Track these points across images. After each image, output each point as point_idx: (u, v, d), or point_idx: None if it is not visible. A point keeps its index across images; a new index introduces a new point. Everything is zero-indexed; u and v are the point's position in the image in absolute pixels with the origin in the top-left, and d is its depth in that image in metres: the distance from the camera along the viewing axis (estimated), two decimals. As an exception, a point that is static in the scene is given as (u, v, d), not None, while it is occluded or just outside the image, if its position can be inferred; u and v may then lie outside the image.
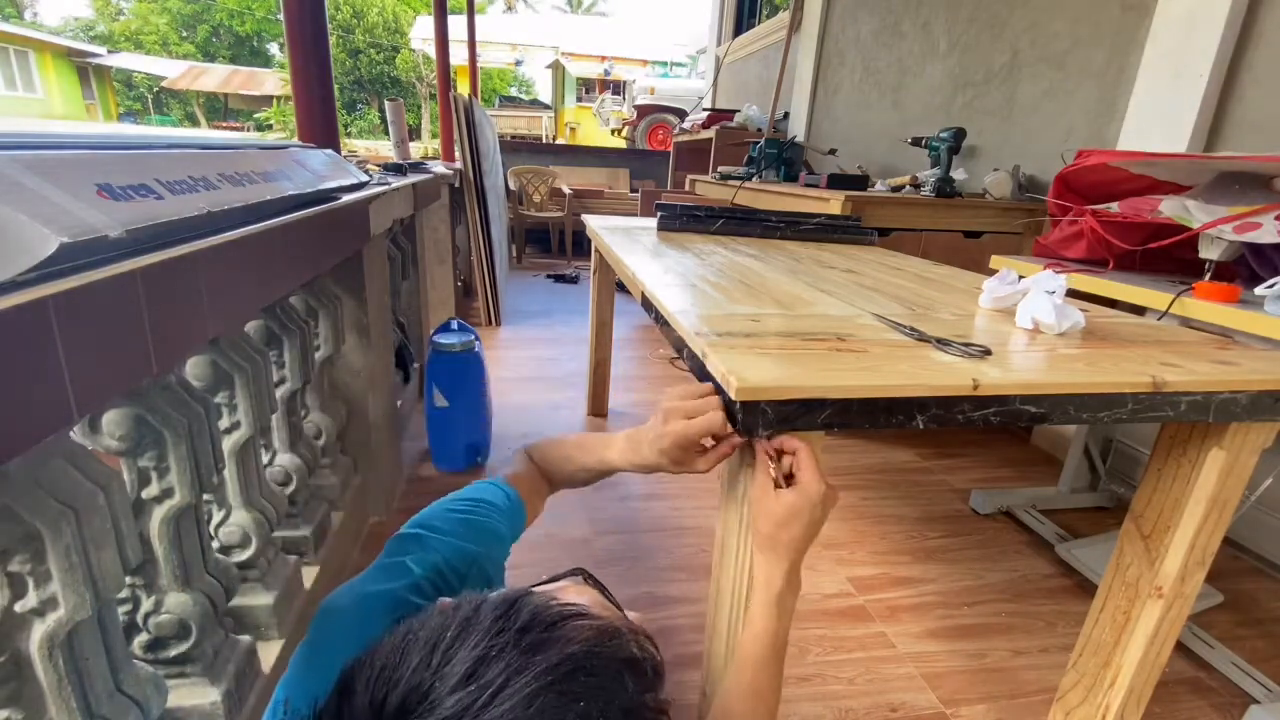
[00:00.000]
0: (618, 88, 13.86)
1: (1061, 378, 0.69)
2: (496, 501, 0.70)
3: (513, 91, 21.82)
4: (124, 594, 0.82)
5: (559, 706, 0.35)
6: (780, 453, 0.64)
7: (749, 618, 0.67)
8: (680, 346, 0.81)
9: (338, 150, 1.53)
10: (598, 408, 2.41)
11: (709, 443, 0.66)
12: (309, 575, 1.21)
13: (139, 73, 21.12)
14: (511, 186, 5.55)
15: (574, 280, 4.82)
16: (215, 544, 1.01)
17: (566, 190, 5.63)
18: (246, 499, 1.03)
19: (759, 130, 4.13)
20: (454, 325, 1.93)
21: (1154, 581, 0.87)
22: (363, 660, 0.39)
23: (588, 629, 0.40)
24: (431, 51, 4.89)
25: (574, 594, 0.48)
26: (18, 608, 0.56)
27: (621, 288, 1.71)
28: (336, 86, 1.59)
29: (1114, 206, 1.50)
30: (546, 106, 13.63)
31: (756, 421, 0.60)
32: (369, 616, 0.55)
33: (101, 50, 20.11)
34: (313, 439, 1.39)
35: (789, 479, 0.63)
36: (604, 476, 0.79)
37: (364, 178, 1.48)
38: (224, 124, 19.65)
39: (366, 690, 0.36)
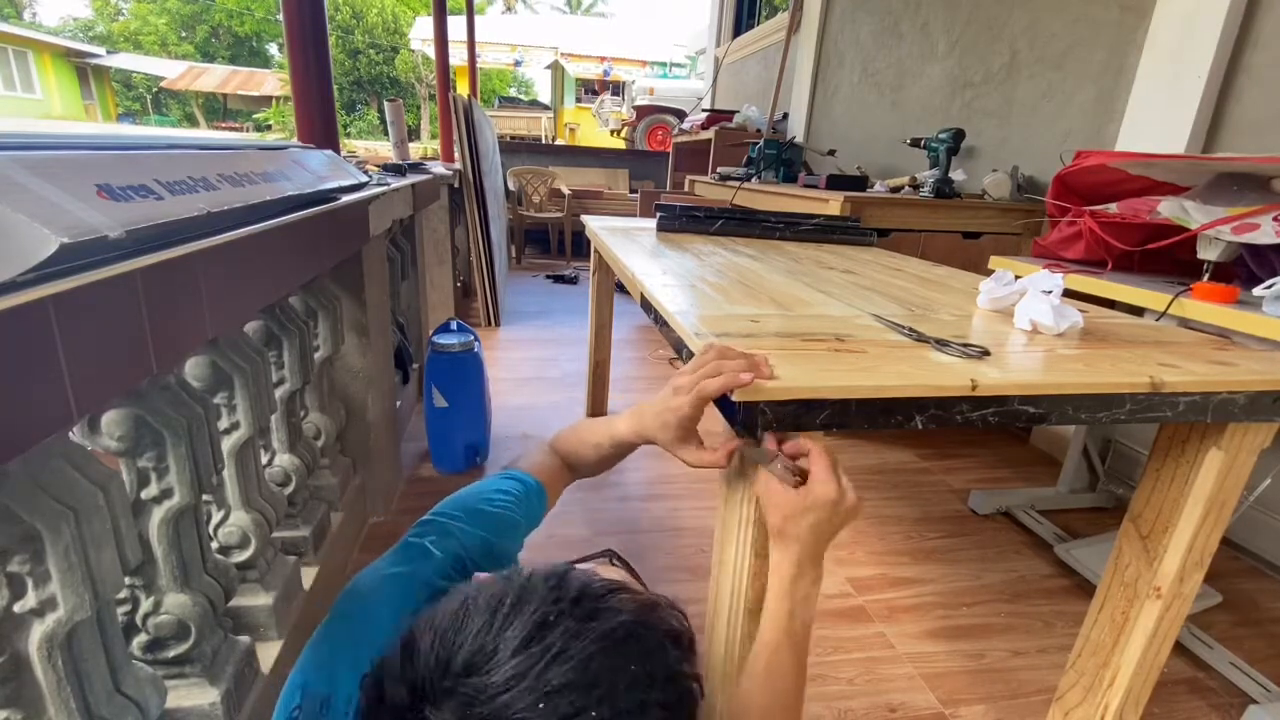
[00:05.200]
0: (617, 88, 13.84)
1: (1060, 378, 0.69)
2: (513, 491, 0.71)
3: (512, 92, 21.80)
4: (123, 594, 0.82)
5: (613, 669, 0.38)
6: (795, 457, 0.62)
7: (765, 604, 0.65)
8: (679, 347, 0.81)
9: (337, 151, 1.53)
10: (597, 409, 2.41)
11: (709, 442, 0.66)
12: (308, 576, 1.21)
13: (138, 73, 21.08)
14: (511, 187, 5.55)
15: (573, 281, 4.82)
16: (214, 544, 1.01)
17: (566, 191, 5.63)
18: (246, 499, 1.03)
19: (758, 131, 4.13)
20: (453, 326, 1.93)
21: (1153, 582, 0.87)
22: (424, 623, 0.41)
23: (632, 601, 0.43)
24: (431, 52, 4.89)
25: (607, 573, 0.50)
26: (17, 608, 0.56)
27: (621, 288, 1.71)
28: (336, 87, 1.59)
29: (1112, 207, 1.50)
30: (546, 107, 13.59)
31: (755, 422, 0.60)
32: (392, 599, 0.56)
33: (100, 50, 20.06)
34: (312, 439, 1.39)
35: (803, 477, 0.60)
36: (619, 454, 0.77)
37: (363, 178, 1.48)
38: (223, 124, 19.60)
39: (431, 650, 0.39)
